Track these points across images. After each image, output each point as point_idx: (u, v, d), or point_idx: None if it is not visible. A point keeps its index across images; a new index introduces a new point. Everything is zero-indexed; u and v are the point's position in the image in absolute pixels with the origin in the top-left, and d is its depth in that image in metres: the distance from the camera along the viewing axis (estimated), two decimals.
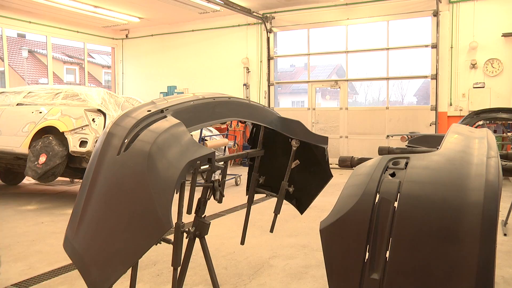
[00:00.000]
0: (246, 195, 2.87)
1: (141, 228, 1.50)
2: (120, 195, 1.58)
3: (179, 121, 1.78)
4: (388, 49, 11.30)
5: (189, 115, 1.95)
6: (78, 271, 1.55)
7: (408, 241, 1.09)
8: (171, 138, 1.67)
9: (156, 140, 1.61)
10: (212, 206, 2.87)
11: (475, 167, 1.21)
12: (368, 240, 1.14)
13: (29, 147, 6.63)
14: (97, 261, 1.54)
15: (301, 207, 2.96)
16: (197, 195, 2.02)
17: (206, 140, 7.83)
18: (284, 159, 2.75)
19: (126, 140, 1.64)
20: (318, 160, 2.78)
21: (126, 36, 14.98)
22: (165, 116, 1.80)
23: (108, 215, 1.58)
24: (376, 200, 1.17)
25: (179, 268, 1.95)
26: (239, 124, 11.77)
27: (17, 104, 7.31)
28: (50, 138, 6.51)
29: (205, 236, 2.19)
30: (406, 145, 2.63)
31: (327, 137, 2.75)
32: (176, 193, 1.60)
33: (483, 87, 10.19)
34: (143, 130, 1.68)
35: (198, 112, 2.06)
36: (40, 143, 6.53)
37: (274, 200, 2.80)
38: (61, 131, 6.44)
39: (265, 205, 6.28)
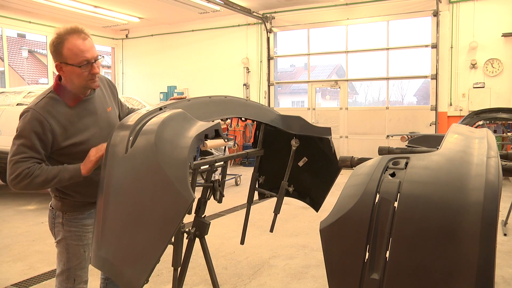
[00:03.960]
0: None
1: (164, 211, 1.49)
2: (136, 190, 1.58)
3: (179, 109, 1.80)
4: (388, 49, 11.31)
5: (187, 112, 1.95)
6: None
7: (408, 241, 1.09)
8: (173, 122, 1.68)
9: (159, 128, 1.62)
10: (212, 206, 2.87)
11: (475, 167, 1.21)
12: (368, 240, 1.14)
13: None
14: (128, 260, 1.52)
15: (316, 205, 2.90)
16: (197, 195, 2.02)
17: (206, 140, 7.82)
18: (287, 159, 2.73)
19: (131, 137, 1.65)
20: (324, 153, 2.74)
21: (126, 36, 14.98)
22: (165, 112, 1.82)
23: (128, 212, 1.57)
24: (376, 200, 1.17)
25: (179, 268, 1.95)
26: (239, 124, 11.75)
27: (17, 104, 7.31)
28: None
29: (205, 236, 2.19)
30: (406, 145, 2.63)
31: (330, 128, 2.68)
32: (190, 169, 1.58)
33: (483, 87, 10.19)
34: (144, 125, 1.70)
35: (196, 110, 2.06)
36: None
37: (274, 200, 2.80)
38: None
39: (265, 205, 6.28)
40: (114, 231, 1.59)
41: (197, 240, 2.18)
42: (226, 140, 1.89)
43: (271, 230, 2.94)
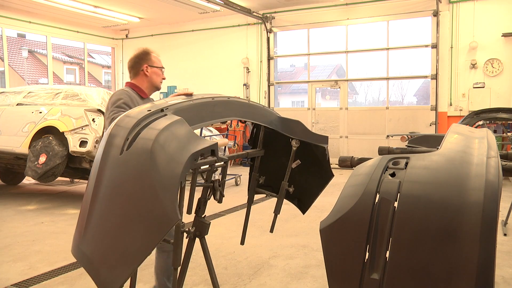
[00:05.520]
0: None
1: (148, 224, 1.49)
2: (125, 194, 1.58)
3: (180, 117, 1.79)
4: (388, 49, 11.31)
5: (189, 114, 1.94)
6: (85, 273, 1.54)
7: (408, 241, 1.09)
8: (172, 133, 1.67)
9: (157, 136, 1.61)
10: (212, 206, 2.87)
11: (475, 167, 1.21)
12: (368, 240, 1.14)
13: (29, 147, 6.63)
14: (106, 262, 1.53)
15: (303, 207, 2.95)
16: (197, 195, 2.02)
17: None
18: (285, 159, 2.75)
19: (128, 139, 1.64)
20: (318, 159, 2.78)
21: (126, 36, 14.98)
22: (166, 115, 1.80)
23: (115, 214, 1.58)
24: (376, 200, 1.17)
25: (179, 268, 1.95)
26: (239, 124, 11.77)
27: (17, 104, 7.31)
28: (50, 138, 6.51)
29: (205, 236, 2.19)
30: (406, 145, 2.63)
31: (327, 137, 2.74)
32: (181, 186, 1.59)
33: (483, 87, 10.19)
34: (144, 129, 1.68)
35: (198, 111, 2.05)
36: (40, 143, 6.53)
37: (274, 200, 2.80)
38: (61, 131, 6.44)
39: (265, 205, 6.28)
40: (98, 228, 1.58)
41: (197, 240, 2.18)
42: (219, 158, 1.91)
43: (271, 230, 2.95)
